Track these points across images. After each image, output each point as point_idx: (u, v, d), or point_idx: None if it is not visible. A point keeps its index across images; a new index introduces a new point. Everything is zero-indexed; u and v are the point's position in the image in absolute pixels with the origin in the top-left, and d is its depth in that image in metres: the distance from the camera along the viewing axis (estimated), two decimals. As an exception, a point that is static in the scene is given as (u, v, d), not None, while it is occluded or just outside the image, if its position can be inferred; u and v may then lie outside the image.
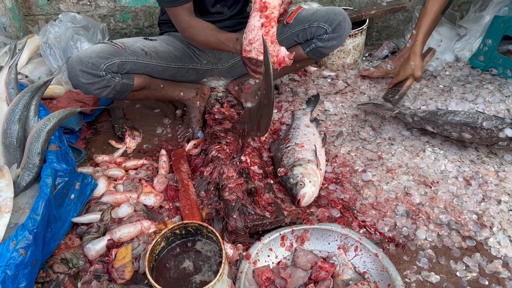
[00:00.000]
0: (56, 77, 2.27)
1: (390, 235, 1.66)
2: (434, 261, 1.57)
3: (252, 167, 1.85)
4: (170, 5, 1.85)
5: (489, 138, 1.89)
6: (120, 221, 1.69)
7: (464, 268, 1.54)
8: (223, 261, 1.29)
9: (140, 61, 2.00)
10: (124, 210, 1.69)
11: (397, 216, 1.73)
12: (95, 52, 1.85)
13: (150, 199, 1.77)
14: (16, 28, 2.80)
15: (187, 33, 1.92)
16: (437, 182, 1.89)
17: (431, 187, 1.87)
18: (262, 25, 1.59)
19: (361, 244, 1.52)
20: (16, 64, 1.78)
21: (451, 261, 1.57)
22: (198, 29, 1.87)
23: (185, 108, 2.39)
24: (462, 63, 2.76)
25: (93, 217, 1.67)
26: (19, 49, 1.89)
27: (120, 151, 2.17)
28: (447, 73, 2.66)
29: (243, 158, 1.85)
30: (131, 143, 2.24)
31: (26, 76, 2.39)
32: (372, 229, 1.68)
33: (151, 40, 2.14)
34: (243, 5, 2.21)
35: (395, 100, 2.30)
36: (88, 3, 2.87)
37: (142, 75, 2.04)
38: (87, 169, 1.94)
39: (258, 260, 1.51)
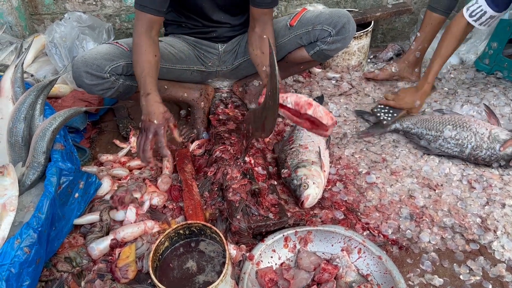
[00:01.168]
0: (61, 76, 2.28)
1: (394, 237, 1.66)
2: (437, 264, 1.57)
3: (256, 168, 1.85)
4: (136, 7, 1.80)
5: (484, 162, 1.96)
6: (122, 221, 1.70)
7: (468, 271, 1.53)
8: (227, 261, 1.29)
9: None
10: (121, 215, 1.69)
11: (401, 219, 1.73)
12: (100, 54, 1.85)
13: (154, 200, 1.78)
14: (22, 27, 2.81)
15: (132, 48, 1.82)
16: (441, 185, 1.89)
17: (435, 190, 1.86)
18: None
19: (364, 246, 1.52)
20: (22, 63, 1.79)
21: (455, 264, 1.56)
22: (137, 51, 1.77)
23: (189, 109, 2.39)
24: (467, 66, 2.76)
25: (92, 217, 1.67)
26: (25, 48, 1.90)
27: (124, 151, 2.18)
28: (452, 76, 2.66)
29: (247, 159, 1.85)
30: (135, 142, 2.24)
31: (32, 75, 2.39)
32: (376, 231, 1.67)
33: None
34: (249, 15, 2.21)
35: (387, 125, 2.23)
36: (94, 3, 2.88)
37: None
38: (91, 168, 1.95)
39: (261, 261, 1.51)
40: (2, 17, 2.72)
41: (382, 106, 2.31)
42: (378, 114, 2.26)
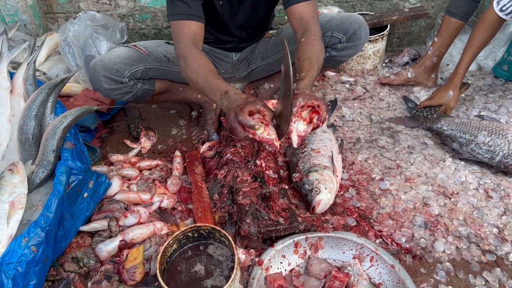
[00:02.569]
0: (74, 75, 2.28)
1: (407, 246, 1.62)
2: (452, 274, 1.53)
3: (267, 172, 1.82)
4: (177, 18, 1.70)
5: None
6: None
7: (484, 283, 1.49)
8: (235, 266, 1.27)
9: (163, 68, 2.00)
10: (130, 220, 1.67)
11: (415, 227, 1.69)
12: (120, 58, 1.84)
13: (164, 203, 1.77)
14: (36, 25, 2.83)
15: (181, 63, 1.69)
16: (457, 193, 1.84)
17: (450, 198, 1.82)
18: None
19: (377, 254, 1.48)
20: (35, 61, 1.79)
21: (470, 275, 1.52)
22: (193, 60, 1.62)
23: (201, 110, 2.38)
24: (485, 72, 2.71)
25: (97, 225, 1.64)
26: (37, 46, 1.89)
27: (135, 151, 2.17)
28: (470, 82, 2.61)
29: (258, 162, 1.83)
30: (146, 143, 2.24)
31: (44, 73, 2.41)
32: (389, 239, 1.64)
33: (172, 44, 2.12)
34: (266, 28, 2.20)
35: (425, 124, 2.27)
36: (108, 2, 2.88)
37: (164, 80, 2.04)
38: (101, 168, 1.94)
39: (271, 266, 1.48)
40: (16, 15, 2.73)
41: (421, 109, 2.33)
42: (420, 117, 2.29)
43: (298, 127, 1.42)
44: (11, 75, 1.79)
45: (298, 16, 1.76)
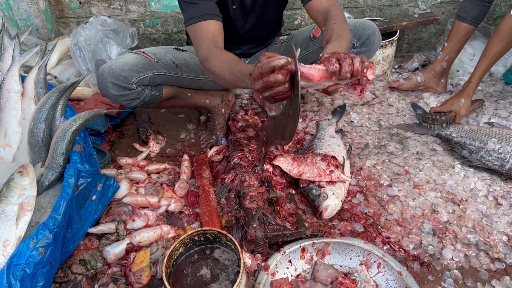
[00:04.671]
0: (84, 79, 2.30)
1: (415, 253, 1.60)
2: (460, 282, 1.51)
3: (274, 176, 1.82)
4: (193, 21, 1.70)
5: None
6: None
7: (492, 291, 1.47)
8: (241, 270, 1.27)
9: (171, 74, 2.00)
10: (139, 224, 1.67)
11: (423, 234, 1.67)
12: (128, 65, 1.85)
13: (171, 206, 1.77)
14: (48, 30, 2.86)
15: (205, 65, 1.68)
16: (466, 200, 1.82)
17: (459, 205, 1.80)
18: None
19: (384, 261, 1.47)
20: (46, 64, 1.81)
21: (479, 283, 1.50)
22: (216, 57, 1.60)
23: (209, 114, 2.39)
24: (495, 78, 2.69)
25: (105, 228, 1.64)
26: (49, 50, 1.92)
27: (143, 155, 2.18)
28: (480, 88, 2.59)
29: (265, 166, 1.83)
30: (154, 147, 2.25)
31: (55, 77, 2.44)
32: (397, 246, 1.62)
33: (181, 51, 2.14)
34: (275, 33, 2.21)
35: (433, 131, 2.26)
36: (119, 7, 2.91)
37: (171, 86, 2.05)
38: (110, 171, 1.95)
39: (277, 271, 1.47)
40: (29, 20, 2.77)
41: (431, 114, 2.31)
42: (429, 119, 2.28)
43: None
44: (23, 79, 1.81)
45: (318, 8, 1.75)
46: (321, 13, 1.75)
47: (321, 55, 1.25)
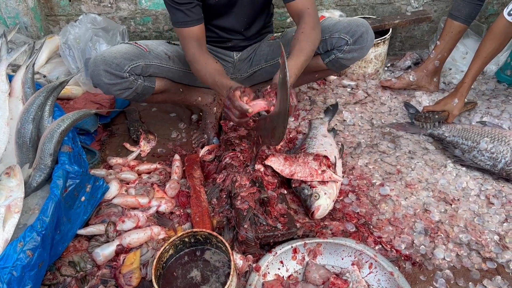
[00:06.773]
0: (74, 77, 2.28)
1: (407, 253, 1.60)
2: (452, 282, 1.51)
3: (265, 176, 1.80)
4: (178, 26, 1.85)
5: None
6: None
7: (484, 291, 1.47)
8: (232, 272, 1.26)
9: (163, 65, 2.00)
10: (128, 225, 1.65)
11: (414, 234, 1.67)
12: (120, 53, 1.86)
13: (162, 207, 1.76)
14: (37, 28, 2.82)
15: (192, 68, 1.89)
16: (458, 200, 1.82)
17: (451, 205, 1.80)
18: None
19: (376, 261, 1.47)
20: (33, 63, 1.78)
21: (470, 283, 1.50)
22: (201, 64, 1.81)
23: (201, 113, 2.37)
24: (487, 77, 2.69)
25: (95, 229, 1.63)
26: (37, 49, 1.89)
27: (134, 154, 2.16)
28: (472, 86, 2.57)
29: (257, 166, 1.81)
30: (145, 146, 2.23)
31: (44, 76, 2.40)
32: (388, 246, 1.62)
33: (174, 44, 2.15)
34: (265, 26, 2.21)
35: (426, 130, 2.27)
36: (109, 5, 2.88)
37: (164, 78, 2.05)
38: (100, 171, 1.93)
39: (268, 272, 1.47)
40: (17, 18, 2.73)
41: (424, 113, 2.31)
42: (421, 117, 2.28)
43: None
44: (10, 78, 1.78)
45: (295, 10, 1.87)
46: (297, 15, 1.88)
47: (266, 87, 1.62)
